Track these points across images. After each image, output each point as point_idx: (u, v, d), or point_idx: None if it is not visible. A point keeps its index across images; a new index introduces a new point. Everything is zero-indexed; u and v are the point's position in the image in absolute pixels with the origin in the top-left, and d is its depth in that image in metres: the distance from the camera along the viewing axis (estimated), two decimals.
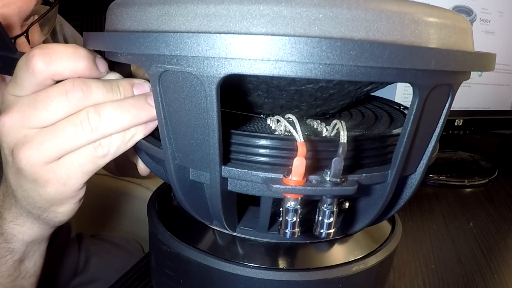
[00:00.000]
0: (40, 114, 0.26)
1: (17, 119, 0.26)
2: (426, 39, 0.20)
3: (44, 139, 0.26)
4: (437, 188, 0.72)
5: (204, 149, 0.22)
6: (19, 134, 0.26)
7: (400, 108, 0.36)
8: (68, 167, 0.27)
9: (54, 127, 0.26)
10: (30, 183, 0.28)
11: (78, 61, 0.25)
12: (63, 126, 0.26)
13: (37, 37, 0.46)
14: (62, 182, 0.27)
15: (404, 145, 0.22)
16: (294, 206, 0.21)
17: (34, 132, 0.26)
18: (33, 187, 0.28)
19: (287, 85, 0.24)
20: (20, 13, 0.41)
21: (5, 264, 0.35)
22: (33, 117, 0.26)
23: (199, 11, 0.19)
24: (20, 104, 0.26)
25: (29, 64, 0.25)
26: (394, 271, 0.46)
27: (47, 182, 0.27)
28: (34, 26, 0.44)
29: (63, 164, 0.27)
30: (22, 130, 0.26)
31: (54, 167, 0.27)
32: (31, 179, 0.27)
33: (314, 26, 0.18)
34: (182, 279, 0.28)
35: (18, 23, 0.41)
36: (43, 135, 0.26)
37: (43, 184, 0.27)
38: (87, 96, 0.25)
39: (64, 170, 0.27)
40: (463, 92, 0.74)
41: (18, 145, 0.26)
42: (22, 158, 0.26)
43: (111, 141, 0.26)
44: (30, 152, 0.26)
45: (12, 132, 0.26)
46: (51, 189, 0.27)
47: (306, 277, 0.25)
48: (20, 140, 0.26)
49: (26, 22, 0.43)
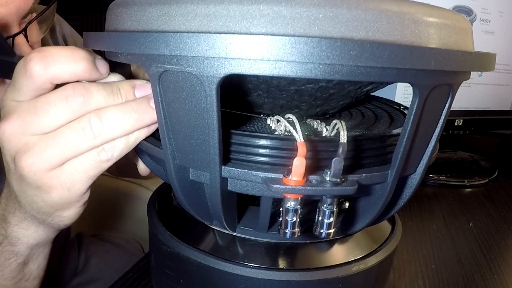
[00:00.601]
0: (40, 121, 0.25)
1: (18, 126, 0.26)
2: (426, 39, 0.20)
3: (46, 146, 0.25)
4: (437, 188, 0.72)
5: (204, 149, 0.22)
6: (20, 141, 0.26)
7: (400, 108, 0.36)
8: (71, 173, 0.26)
9: (56, 133, 0.25)
10: (34, 190, 0.27)
11: (77, 63, 0.25)
12: (65, 133, 0.25)
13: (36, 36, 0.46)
14: (66, 187, 0.27)
15: (404, 145, 0.22)
16: (294, 206, 0.21)
17: (36, 139, 0.26)
18: (37, 193, 0.28)
19: (287, 85, 0.24)
20: (18, 11, 0.41)
21: (9, 267, 0.35)
22: (33, 123, 0.25)
23: (199, 11, 0.19)
24: (20, 110, 0.26)
25: (27, 68, 0.25)
26: (394, 271, 0.46)
27: (51, 188, 0.27)
28: (32, 24, 0.44)
29: (66, 170, 0.26)
30: (23, 137, 0.26)
31: (58, 173, 0.26)
32: (34, 186, 0.27)
33: (314, 26, 0.18)
34: (182, 279, 0.28)
35: (16, 22, 0.41)
36: (45, 142, 0.26)
37: (47, 191, 0.27)
38: (88, 101, 0.25)
39: (68, 176, 0.26)
40: (463, 92, 0.74)
41: (19, 153, 0.26)
42: (24, 166, 0.26)
43: (115, 145, 0.26)
44: (32, 160, 0.26)
45: (13, 139, 0.26)
46: (55, 195, 0.27)
47: (306, 277, 0.25)
48: (22, 147, 0.26)
49: (24, 20, 0.43)
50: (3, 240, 0.34)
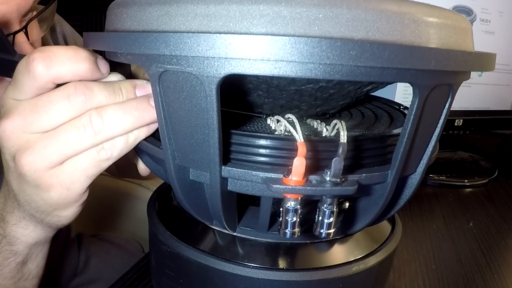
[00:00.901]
0: (42, 119, 0.25)
1: (19, 124, 0.26)
2: (426, 39, 0.20)
3: (47, 144, 0.25)
4: (437, 188, 0.72)
5: (204, 149, 0.22)
6: (21, 139, 0.26)
7: (400, 108, 0.36)
8: (71, 172, 0.26)
9: (56, 131, 0.25)
10: (33, 188, 0.27)
11: (80, 64, 0.25)
12: (65, 130, 0.25)
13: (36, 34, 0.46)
14: (65, 186, 0.27)
15: (404, 145, 0.22)
16: (294, 206, 0.21)
17: (36, 137, 0.26)
18: (36, 192, 0.28)
19: (287, 85, 0.24)
20: (19, 9, 0.41)
21: (8, 266, 0.35)
22: (35, 121, 0.25)
23: (199, 11, 0.19)
24: (22, 108, 0.26)
25: (30, 68, 0.25)
26: (394, 271, 0.46)
27: (51, 187, 0.27)
28: (33, 22, 0.44)
29: (66, 169, 0.26)
30: (23, 135, 0.26)
31: (57, 172, 0.26)
32: (34, 184, 0.27)
33: (314, 26, 0.18)
34: (182, 279, 0.28)
35: (16, 20, 0.41)
36: (45, 140, 0.26)
37: (47, 189, 0.27)
38: (90, 100, 0.25)
39: (68, 175, 0.26)
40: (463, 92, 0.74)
41: (20, 151, 0.26)
42: (24, 164, 0.26)
43: (114, 144, 0.26)
44: (32, 158, 0.26)
45: (13, 138, 0.26)
46: (55, 194, 0.27)
47: (306, 277, 0.25)
48: (22, 145, 0.26)
49: (24, 18, 0.43)
50: (1, 239, 0.34)
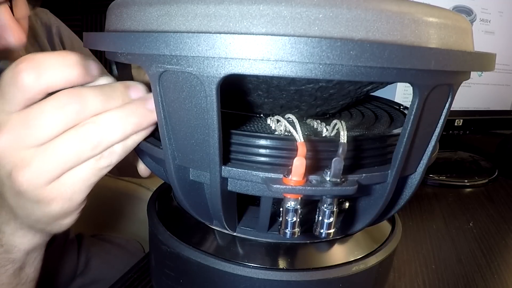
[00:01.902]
0: (35, 132, 0.24)
1: (11, 140, 0.24)
2: (426, 39, 0.20)
3: (44, 159, 0.24)
4: (437, 188, 0.72)
5: (204, 149, 0.22)
6: (15, 156, 0.24)
7: (400, 108, 0.36)
8: (71, 183, 0.25)
9: (53, 144, 0.24)
10: (34, 204, 0.26)
11: (71, 70, 0.24)
12: (63, 144, 0.24)
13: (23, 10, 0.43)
14: (67, 198, 0.26)
15: (404, 145, 0.22)
16: (294, 206, 0.21)
17: (32, 153, 0.24)
18: (37, 206, 0.27)
19: (287, 85, 0.24)
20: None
21: (5, 273, 0.34)
22: (28, 136, 0.24)
23: (199, 11, 0.19)
24: (11, 123, 0.24)
25: (18, 80, 0.23)
26: (394, 271, 0.46)
27: (52, 200, 0.26)
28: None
29: (66, 181, 0.25)
30: (17, 152, 0.24)
31: (57, 185, 0.25)
32: (34, 200, 0.26)
33: (314, 26, 0.18)
34: (182, 279, 0.28)
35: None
36: (42, 155, 0.24)
37: (48, 203, 0.26)
38: (84, 108, 0.24)
39: (68, 186, 0.25)
40: (463, 92, 0.74)
41: (16, 168, 0.25)
42: (23, 182, 0.25)
43: (113, 151, 0.25)
44: (30, 175, 0.24)
45: (7, 155, 0.24)
46: (56, 207, 0.26)
47: (306, 277, 0.25)
48: (18, 163, 0.24)
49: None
50: None
